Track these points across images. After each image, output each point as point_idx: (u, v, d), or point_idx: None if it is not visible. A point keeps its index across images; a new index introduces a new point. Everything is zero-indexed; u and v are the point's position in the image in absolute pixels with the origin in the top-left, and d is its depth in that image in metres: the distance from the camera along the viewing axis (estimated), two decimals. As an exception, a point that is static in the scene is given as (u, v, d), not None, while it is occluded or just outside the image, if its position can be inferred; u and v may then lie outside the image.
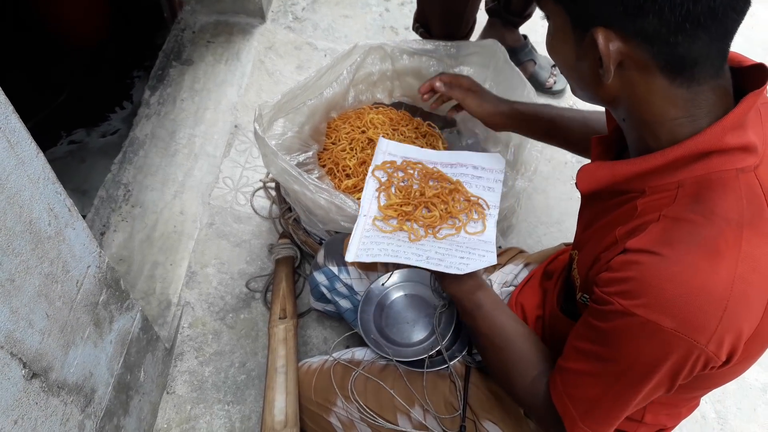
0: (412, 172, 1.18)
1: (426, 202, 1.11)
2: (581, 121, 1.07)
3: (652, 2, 0.57)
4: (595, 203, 0.79)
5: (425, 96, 1.21)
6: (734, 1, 0.57)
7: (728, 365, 0.65)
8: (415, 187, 1.15)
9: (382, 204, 1.12)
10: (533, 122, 1.11)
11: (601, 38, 0.61)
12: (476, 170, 1.17)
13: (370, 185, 1.16)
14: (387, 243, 1.01)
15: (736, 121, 0.62)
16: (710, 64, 0.61)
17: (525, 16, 1.81)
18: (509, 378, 0.86)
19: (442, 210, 1.10)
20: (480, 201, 1.12)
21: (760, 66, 0.66)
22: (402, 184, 1.16)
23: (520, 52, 1.90)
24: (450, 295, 0.97)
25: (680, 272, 0.60)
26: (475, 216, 1.10)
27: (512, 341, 0.87)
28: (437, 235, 1.06)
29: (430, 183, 1.16)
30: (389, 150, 1.22)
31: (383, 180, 1.17)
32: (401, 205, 1.11)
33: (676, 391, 0.77)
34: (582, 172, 0.75)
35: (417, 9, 1.71)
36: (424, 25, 1.67)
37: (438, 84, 1.17)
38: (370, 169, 1.18)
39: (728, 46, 0.62)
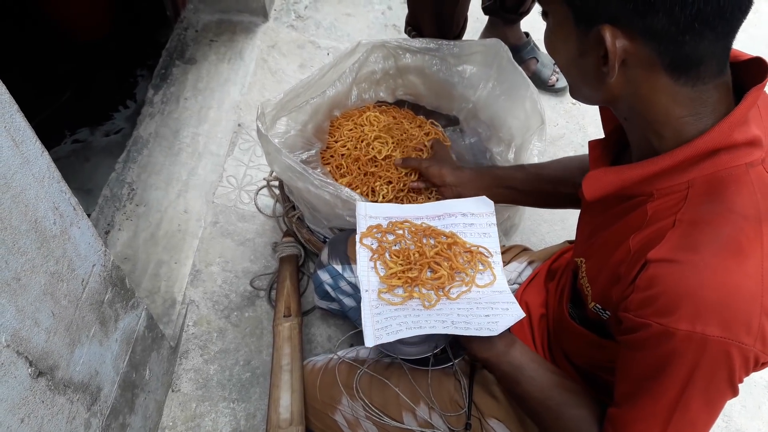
0: (401, 232, 1.06)
1: (428, 263, 1.00)
2: (561, 169, 1.08)
3: (663, 0, 0.56)
4: (600, 209, 0.78)
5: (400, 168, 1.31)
6: (740, 0, 0.57)
7: None
8: (412, 248, 1.03)
9: (381, 274, 1.00)
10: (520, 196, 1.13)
11: (608, 35, 0.60)
12: (466, 217, 1.09)
13: (362, 255, 1.03)
14: (404, 315, 0.92)
15: (742, 116, 0.62)
16: (715, 63, 0.61)
17: (521, 12, 1.81)
18: None
19: (447, 268, 1.00)
20: (480, 249, 1.04)
21: (759, 60, 0.65)
22: (395, 248, 1.04)
23: (522, 50, 1.90)
24: (483, 361, 0.87)
25: (712, 276, 0.59)
26: (481, 267, 1.02)
27: (568, 406, 0.80)
28: (449, 295, 0.96)
29: (424, 240, 1.05)
30: (369, 213, 1.09)
31: (374, 247, 1.04)
32: (404, 272, 1.00)
33: None
34: (588, 179, 0.73)
35: (408, 12, 1.72)
36: (416, 27, 1.67)
37: (414, 185, 1.27)
38: (357, 238, 1.05)
39: (731, 44, 0.61)
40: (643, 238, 0.66)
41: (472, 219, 1.08)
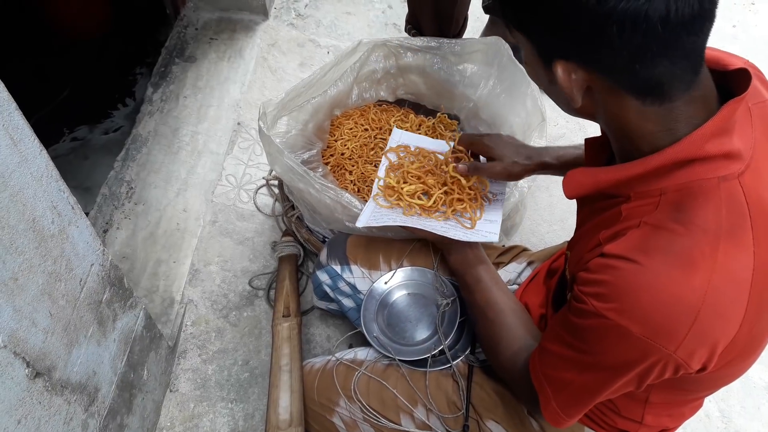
0: (414, 160, 1.25)
1: (424, 188, 1.15)
2: None
3: (600, 37, 0.57)
4: (587, 205, 0.80)
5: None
6: (688, 25, 0.56)
7: (705, 372, 0.66)
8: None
9: (382, 184, 1.19)
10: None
11: (560, 71, 0.63)
12: None
13: (383, 164, 1.26)
14: (395, 214, 1.10)
15: (717, 128, 0.61)
16: (679, 82, 0.60)
17: None
18: (495, 348, 0.92)
19: (441, 195, 1.13)
20: (483, 189, 1.14)
21: (743, 71, 0.65)
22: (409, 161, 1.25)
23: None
24: (453, 270, 1.03)
25: (654, 281, 0.61)
26: (470, 212, 1.12)
27: (503, 314, 0.93)
28: (432, 215, 1.11)
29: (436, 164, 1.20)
30: (403, 140, 1.33)
31: (394, 161, 1.26)
32: (395, 187, 1.17)
33: (677, 392, 0.78)
34: (566, 178, 0.76)
35: (408, 11, 1.71)
36: (416, 26, 1.67)
37: (461, 167, 1.12)
38: (384, 151, 1.30)
39: (697, 62, 0.60)
40: (611, 234, 0.68)
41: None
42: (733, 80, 0.65)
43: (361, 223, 1.07)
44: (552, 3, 0.59)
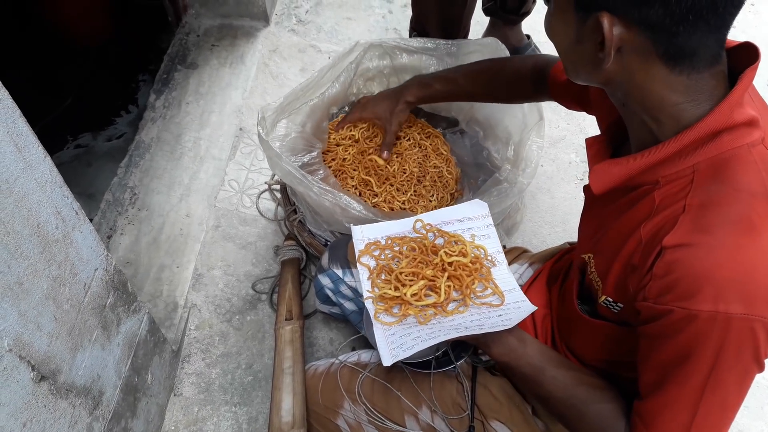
0: (397, 248, 1.03)
1: (427, 283, 0.96)
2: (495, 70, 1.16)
3: None
4: (605, 204, 0.78)
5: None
6: None
7: None
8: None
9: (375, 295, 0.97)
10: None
11: (606, 22, 0.62)
12: (463, 223, 1.07)
13: (363, 274, 1.01)
14: (417, 330, 0.90)
15: (739, 97, 0.63)
16: (708, 53, 0.62)
17: (522, 13, 1.81)
18: None
19: (444, 285, 0.95)
20: (484, 258, 1.01)
21: (748, 44, 0.67)
22: (394, 264, 1.00)
23: (523, 51, 1.90)
24: (502, 365, 0.87)
25: (726, 255, 0.60)
26: (480, 287, 0.98)
27: (593, 403, 0.79)
28: (447, 310, 0.93)
29: (435, 241, 1.03)
30: (366, 236, 1.07)
31: (372, 266, 1.02)
32: (394, 293, 0.95)
33: None
34: (594, 172, 0.74)
35: (413, 17, 1.71)
36: (421, 32, 1.67)
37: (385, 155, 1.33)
38: (356, 255, 1.04)
39: (725, 36, 0.63)
40: (654, 226, 0.67)
41: (469, 224, 1.07)
42: (733, 57, 0.67)
43: (388, 362, 0.84)
44: None
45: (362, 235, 1.07)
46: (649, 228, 0.67)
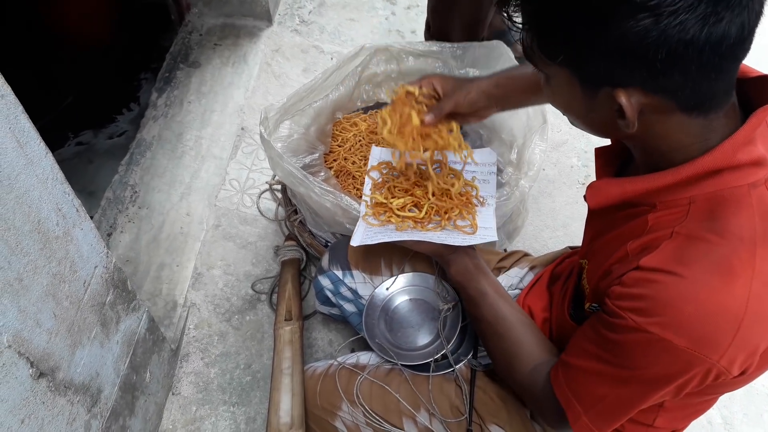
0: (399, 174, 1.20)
1: (414, 200, 1.12)
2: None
3: (677, 63, 0.56)
4: (604, 215, 0.79)
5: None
6: (747, 40, 0.57)
7: (743, 376, 0.66)
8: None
9: (370, 203, 1.15)
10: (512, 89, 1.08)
11: (623, 99, 0.60)
12: (470, 165, 1.20)
13: (367, 184, 1.20)
14: (390, 230, 1.06)
15: (746, 137, 0.62)
16: (724, 94, 0.61)
17: None
18: (510, 365, 0.89)
19: (432, 205, 1.10)
20: (474, 193, 1.15)
21: (762, 79, 0.66)
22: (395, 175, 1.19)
23: (508, 33, 1.88)
24: (454, 283, 0.98)
25: (696, 292, 0.61)
26: (465, 217, 1.10)
27: (515, 329, 0.89)
28: (426, 227, 1.08)
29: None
30: (382, 156, 1.26)
31: (378, 180, 1.20)
32: (385, 204, 1.13)
33: (688, 398, 0.77)
34: (591, 188, 0.75)
35: (433, 27, 1.67)
36: (443, 38, 1.63)
37: (429, 118, 1.08)
38: (367, 171, 1.23)
39: (736, 74, 0.62)
40: (640, 245, 0.68)
41: (474, 167, 1.21)
42: (750, 87, 0.66)
43: (355, 243, 1.03)
44: (624, 33, 0.56)
45: (380, 155, 1.27)
46: (635, 246, 0.68)
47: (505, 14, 0.65)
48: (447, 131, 1.09)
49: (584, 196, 0.77)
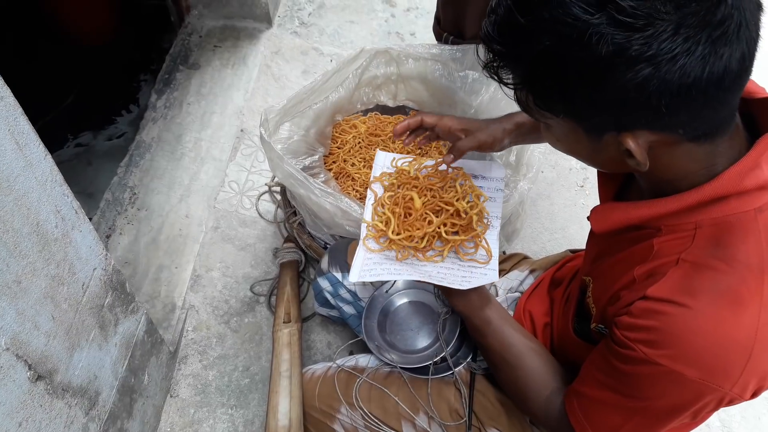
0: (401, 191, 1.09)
1: (413, 223, 1.03)
2: None
3: (685, 104, 0.55)
4: (608, 236, 0.78)
5: (402, 138, 1.08)
6: (749, 69, 0.56)
7: (755, 396, 0.65)
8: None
9: (370, 222, 1.06)
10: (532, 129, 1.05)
11: (631, 143, 0.59)
12: (477, 180, 1.11)
13: (369, 198, 1.09)
14: (390, 263, 0.99)
15: (752, 163, 0.62)
16: (730, 120, 0.61)
17: None
18: (523, 395, 0.87)
19: (430, 229, 1.02)
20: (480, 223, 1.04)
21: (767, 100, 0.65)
22: (390, 195, 1.08)
23: None
24: (458, 313, 0.96)
25: (705, 324, 0.60)
26: (471, 245, 1.02)
27: (524, 358, 0.87)
28: (426, 256, 1.01)
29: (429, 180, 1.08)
30: (386, 163, 1.15)
31: (380, 194, 1.10)
32: (383, 228, 1.04)
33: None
34: (595, 213, 0.75)
35: (445, 20, 1.66)
36: (456, 32, 1.62)
37: (420, 141, 1.07)
38: (369, 182, 1.12)
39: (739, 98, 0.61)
40: (647, 271, 0.67)
41: (482, 182, 1.11)
42: (756, 108, 0.66)
43: (353, 278, 0.96)
44: (624, 84, 0.54)
45: (384, 162, 1.16)
46: (642, 271, 0.68)
47: (495, 77, 0.63)
48: (462, 198, 1.04)
49: (588, 217, 0.77)
